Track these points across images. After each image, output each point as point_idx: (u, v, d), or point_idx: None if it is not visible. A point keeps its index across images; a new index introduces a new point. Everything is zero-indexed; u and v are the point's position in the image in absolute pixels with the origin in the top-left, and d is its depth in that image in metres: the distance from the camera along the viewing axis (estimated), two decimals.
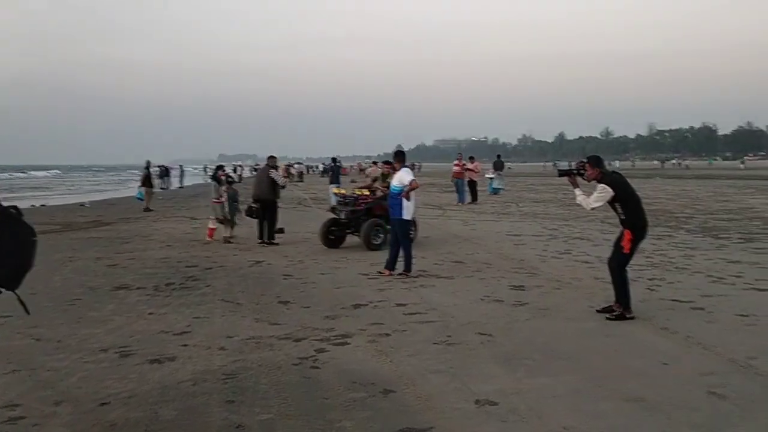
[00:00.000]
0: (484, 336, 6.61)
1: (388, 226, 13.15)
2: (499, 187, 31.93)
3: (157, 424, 4.56)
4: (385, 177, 14.15)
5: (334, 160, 29.73)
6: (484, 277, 9.84)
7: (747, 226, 16.15)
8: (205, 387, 5.27)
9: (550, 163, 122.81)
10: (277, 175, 14.90)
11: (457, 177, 26.45)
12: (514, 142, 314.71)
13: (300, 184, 50.03)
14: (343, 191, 14.80)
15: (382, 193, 13.74)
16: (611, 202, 7.32)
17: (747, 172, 63.61)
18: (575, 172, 7.72)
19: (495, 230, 16.27)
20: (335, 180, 25.67)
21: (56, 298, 8.64)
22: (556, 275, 9.95)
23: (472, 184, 26.19)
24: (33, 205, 28.43)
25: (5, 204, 4.30)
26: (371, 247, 12.90)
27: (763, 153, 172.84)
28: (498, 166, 32.63)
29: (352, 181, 28.20)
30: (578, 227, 16.57)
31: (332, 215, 14.03)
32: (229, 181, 15.93)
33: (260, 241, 14.19)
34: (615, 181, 7.36)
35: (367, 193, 14.15)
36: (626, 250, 7.25)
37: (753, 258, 11.24)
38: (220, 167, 17.04)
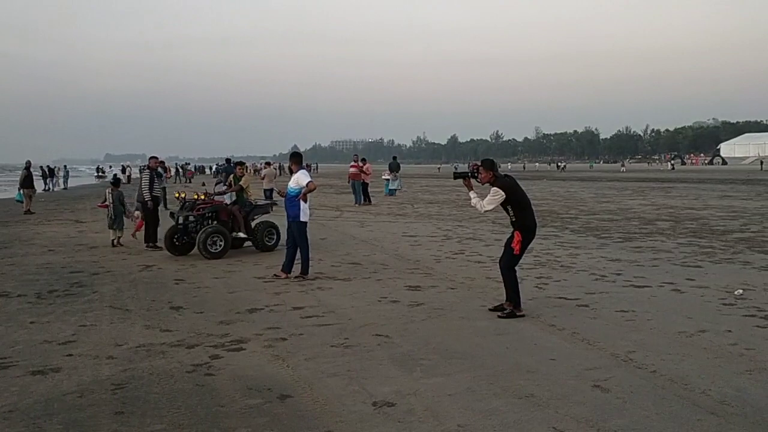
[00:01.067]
0: (381, 337, 6.67)
1: (240, 234, 13.16)
2: (395, 188, 32.35)
3: None
4: (238, 179, 14.01)
5: (228, 160, 29.20)
6: (381, 279, 9.94)
7: (626, 226, 17.09)
8: (92, 398, 5.04)
9: (448, 165, 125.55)
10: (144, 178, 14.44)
11: (354, 179, 26.59)
12: (409, 143, 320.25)
13: (190, 185, 48.74)
14: (183, 194, 13.95)
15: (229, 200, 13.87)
16: (503, 205, 7.57)
17: (626, 175, 67.60)
18: (470, 175, 7.93)
19: (391, 231, 16.46)
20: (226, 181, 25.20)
21: None
22: (451, 275, 10.18)
23: (364, 186, 26.46)
24: None
25: None
26: (206, 255, 12.13)
27: (639, 156, 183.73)
28: (394, 168, 33.02)
29: (202, 184, 27.79)
30: (471, 228, 17.02)
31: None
32: (114, 182, 15.18)
33: (147, 244, 13.72)
34: (507, 184, 7.62)
35: (203, 197, 13.48)
36: (516, 251, 7.52)
37: (632, 256, 11.92)
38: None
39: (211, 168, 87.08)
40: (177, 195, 13.99)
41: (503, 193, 7.50)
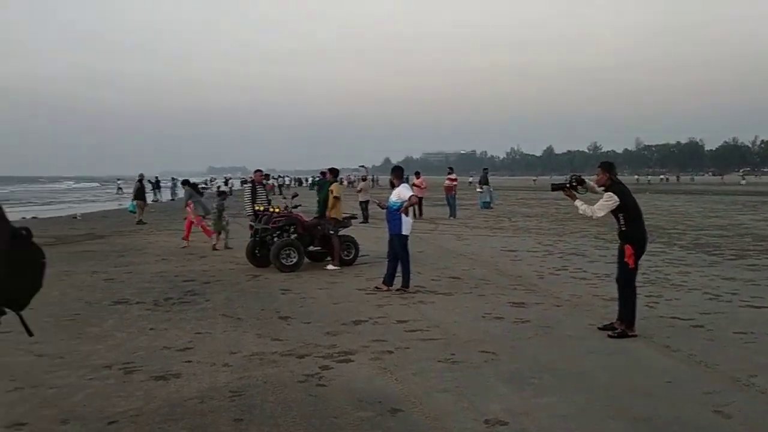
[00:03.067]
0: (488, 354, 6.62)
1: (316, 248, 13.18)
2: (489, 200, 32.01)
3: None
4: (328, 184, 13.86)
5: (323, 173, 29.72)
6: (483, 294, 9.87)
7: (738, 243, 16.28)
8: (212, 405, 5.25)
9: (546, 177, 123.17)
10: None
11: (447, 192, 26.50)
12: (503, 155, 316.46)
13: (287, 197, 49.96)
14: (260, 207, 13.98)
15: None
16: (615, 212, 7.37)
17: (732, 188, 64.16)
18: (568, 185, 7.77)
19: (490, 245, 16.32)
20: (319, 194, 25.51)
21: (55, 314, 8.58)
22: (555, 292, 9.99)
23: (420, 201, 25.32)
24: (24, 218, 28.21)
25: (18, 226, 4.31)
26: (281, 268, 12.24)
27: (748, 168, 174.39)
28: (483, 180, 32.69)
29: (294, 196, 28.03)
30: (573, 243, 16.63)
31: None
32: (220, 193, 16.50)
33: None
34: (621, 190, 7.42)
35: (278, 210, 13.56)
36: (632, 266, 7.28)
37: (747, 275, 11.34)
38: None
39: (307, 180, 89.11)
40: (256, 208, 14.11)
41: (617, 198, 7.30)
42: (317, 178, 30.48)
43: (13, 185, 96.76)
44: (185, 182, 19.96)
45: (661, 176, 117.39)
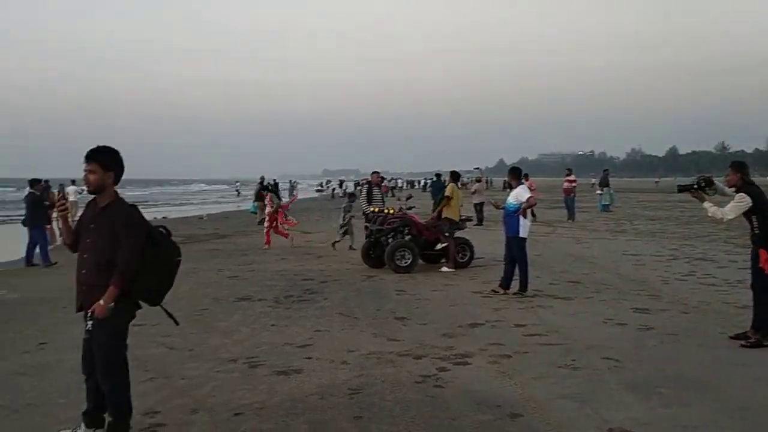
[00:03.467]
0: (610, 361, 6.38)
1: (433, 250, 13.07)
2: (608, 203, 30.89)
3: None
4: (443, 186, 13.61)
5: (437, 175, 29.71)
6: (604, 299, 9.53)
7: None
8: (332, 401, 5.36)
9: (670, 179, 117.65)
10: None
11: (566, 194, 25.80)
12: (623, 156, 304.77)
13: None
14: (375, 209, 14.14)
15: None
16: (747, 214, 6.92)
17: None
18: (696, 186, 7.36)
19: (610, 249, 15.75)
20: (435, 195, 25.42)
21: (185, 308, 9.03)
22: (682, 298, 9.50)
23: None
24: (155, 218, 29.97)
25: (156, 226, 4.58)
26: (395, 269, 12.35)
27: None
28: (604, 182, 31.52)
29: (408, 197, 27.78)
30: (700, 247, 15.76)
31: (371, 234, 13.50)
32: (349, 195, 18.11)
33: None
34: (754, 191, 6.97)
35: (392, 211, 13.65)
36: (767, 272, 6.81)
37: None
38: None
39: (419, 182, 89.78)
40: (372, 209, 14.30)
41: (750, 199, 6.86)
42: (432, 180, 30.40)
43: (150, 187, 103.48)
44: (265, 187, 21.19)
45: None
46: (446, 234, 12.92)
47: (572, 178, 26.08)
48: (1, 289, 11.31)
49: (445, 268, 12.76)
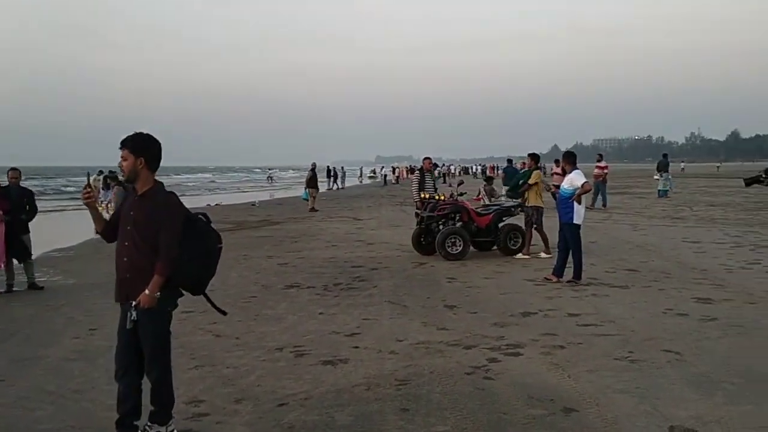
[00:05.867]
0: (670, 354, 6.07)
1: (483, 238, 12.75)
2: (666, 188, 29.94)
3: (334, 430, 4.55)
4: (527, 175, 12.96)
5: (509, 161, 29.25)
6: (663, 288, 9.14)
7: None
8: (378, 392, 5.23)
9: (734, 164, 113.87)
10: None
11: (596, 179, 24.84)
12: (681, 140, 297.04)
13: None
14: (425, 195, 13.68)
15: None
16: None
17: None
18: (765, 177, 6.94)
19: (669, 236, 15.20)
20: (506, 182, 24.81)
21: (233, 295, 9.06)
22: (747, 288, 9.04)
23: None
24: (208, 204, 30.40)
25: (196, 213, 4.49)
26: (446, 256, 12.10)
27: None
28: (662, 167, 30.48)
29: (460, 183, 27.21)
30: (766, 234, 15.06)
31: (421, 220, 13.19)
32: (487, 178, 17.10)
33: None
34: None
35: (443, 198, 13.22)
36: None
37: None
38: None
39: (472, 168, 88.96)
40: (422, 196, 13.85)
41: None
42: (504, 167, 29.72)
43: (214, 173, 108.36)
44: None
45: None
46: (534, 223, 12.57)
47: (603, 164, 25.26)
48: (57, 275, 11.56)
49: (519, 255, 12.54)
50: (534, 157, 13.29)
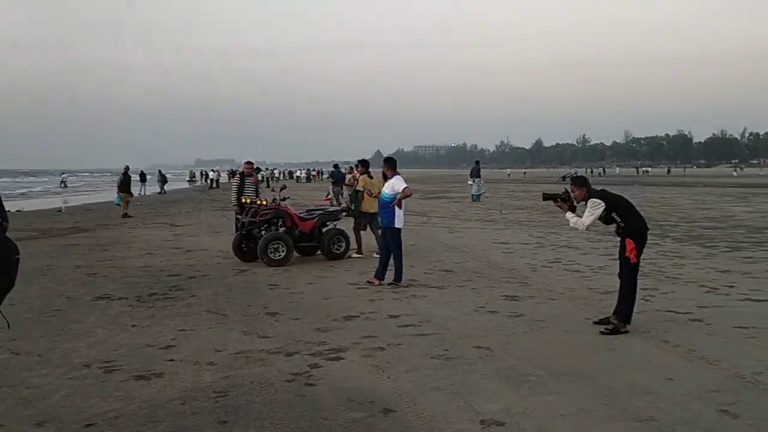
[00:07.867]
0: (482, 350, 6.39)
1: (307, 243, 12.94)
2: (479, 193, 31.80)
3: None
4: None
5: (335, 166, 29.52)
6: (476, 287, 9.64)
7: (732, 235, 16.16)
8: (195, 406, 5.00)
9: (543, 170, 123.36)
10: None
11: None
12: (492, 148, 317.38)
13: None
14: (247, 200, 13.46)
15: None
16: (606, 216, 7.18)
17: (724, 180, 64.32)
18: (561, 196, 7.57)
19: (481, 238, 16.11)
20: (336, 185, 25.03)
21: (35, 309, 8.30)
22: (549, 285, 9.78)
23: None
24: (9, 211, 27.71)
25: None
26: (269, 263, 11.91)
27: (736, 161, 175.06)
28: (475, 173, 32.33)
29: (282, 188, 27.48)
30: (565, 235, 16.42)
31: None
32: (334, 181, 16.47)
33: None
34: (604, 194, 7.28)
35: (265, 203, 13.12)
36: (633, 260, 7.06)
37: (743, 267, 11.18)
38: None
39: (296, 172, 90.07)
40: (243, 201, 13.59)
41: (603, 203, 7.12)
42: (331, 171, 29.84)
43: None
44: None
45: (643, 168, 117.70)
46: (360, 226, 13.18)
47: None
48: None
49: (354, 255, 13.07)
50: (363, 163, 13.61)
